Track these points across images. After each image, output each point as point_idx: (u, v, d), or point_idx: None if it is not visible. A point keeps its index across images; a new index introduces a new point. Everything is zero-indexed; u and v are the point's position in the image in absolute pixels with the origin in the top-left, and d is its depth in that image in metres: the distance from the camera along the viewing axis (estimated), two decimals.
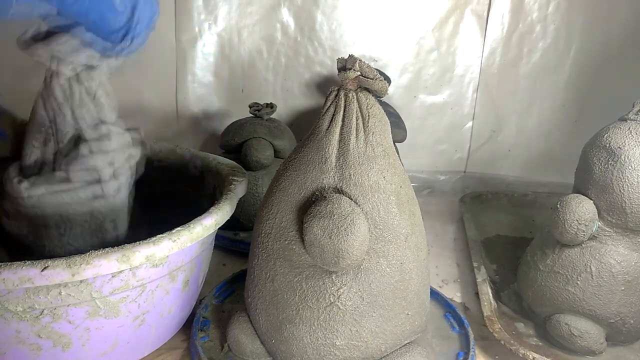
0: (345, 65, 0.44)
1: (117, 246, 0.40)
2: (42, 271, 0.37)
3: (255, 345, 0.48)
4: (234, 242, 0.73)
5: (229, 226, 0.58)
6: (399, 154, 0.54)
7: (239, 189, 0.53)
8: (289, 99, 0.95)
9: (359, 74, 0.44)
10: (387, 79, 0.80)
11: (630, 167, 0.49)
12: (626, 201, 0.49)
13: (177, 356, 0.52)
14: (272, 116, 0.80)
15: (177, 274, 0.47)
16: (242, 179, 0.56)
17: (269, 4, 0.89)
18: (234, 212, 0.51)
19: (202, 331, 0.52)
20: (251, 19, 0.89)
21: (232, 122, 0.79)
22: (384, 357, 0.46)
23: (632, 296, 0.52)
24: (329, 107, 0.45)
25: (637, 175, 0.49)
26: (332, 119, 0.45)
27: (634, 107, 0.53)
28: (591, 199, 0.52)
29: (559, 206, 0.52)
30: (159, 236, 0.42)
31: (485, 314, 0.56)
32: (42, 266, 0.37)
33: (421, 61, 0.95)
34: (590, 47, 0.94)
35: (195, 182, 0.64)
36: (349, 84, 0.45)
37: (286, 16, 0.90)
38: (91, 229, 0.51)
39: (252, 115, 0.79)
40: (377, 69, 0.48)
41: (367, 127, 0.44)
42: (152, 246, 0.41)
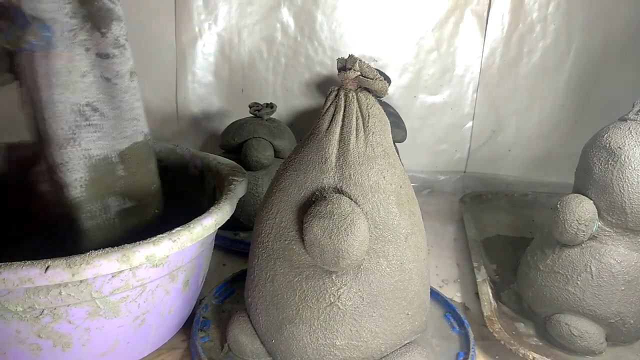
0: (345, 65, 0.44)
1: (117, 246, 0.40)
2: (45, 272, 0.37)
3: (255, 345, 0.48)
4: (234, 242, 0.73)
5: (229, 226, 0.58)
6: (399, 154, 0.54)
7: (239, 189, 0.53)
8: (289, 99, 0.95)
9: (359, 74, 0.44)
10: (387, 79, 0.80)
11: (630, 167, 0.49)
12: (626, 201, 0.49)
13: (177, 356, 0.52)
14: (272, 116, 0.80)
15: (177, 274, 0.47)
16: (242, 179, 0.56)
17: (269, 4, 0.89)
18: (234, 212, 0.51)
19: (202, 331, 0.52)
20: (251, 19, 0.89)
21: (232, 122, 0.79)
22: (384, 357, 0.46)
23: (632, 296, 0.52)
24: (329, 107, 0.45)
25: (637, 175, 0.49)
26: (332, 119, 0.45)
27: (634, 107, 0.53)
28: (591, 199, 0.52)
29: (559, 206, 0.52)
30: (159, 236, 0.42)
31: (485, 314, 0.56)
32: (43, 266, 0.37)
33: (421, 61, 0.95)
34: (590, 47, 0.94)
35: (195, 182, 0.64)
36: (349, 84, 0.45)
37: (286, 16, 0.90)
38: None
39: (252, 115, 0.79)
40: (377, 69, 0.48)
41: (367, 127, 0.44)
42: (152, 246, 0.41)
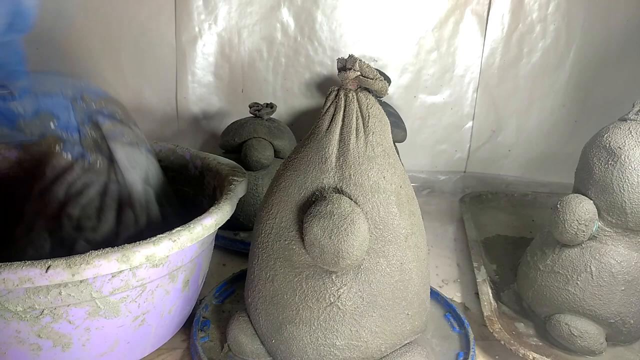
0: (345, 65, 0.44)
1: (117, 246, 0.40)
2: (46, 271, 0.37)
3: (255, 345, 0.48)
4: (234, 242, 0.73)
5: (229, 226, 0.58)
6: (399, 154, 0.54)
7: (239, 189, 0.53)
8: (289, 99, 0.95)
9: (359, 74, 0.44)
10: (387, 79, 0.80)
11: (630, 167, 0.49)
12: (626, 201, 0.49)
13: (177, 356, 0.52)
14: (272, 116, 0.80)
15: (177, 274, 0.47)
16: (242, 179, 0.56)
17: (269, 4, 0.89)
18: (234, 212, 0.51)
19: (202, 331, 0.52)
20: (251, 19, 0.89)
21: (232, 122, 0.79)
22: (384, 357, 0.46)
23: (632, 296, 0.52)
24: (329, 107, 0.45)
25: (637, 175, 0.49)
26: (332, 119, 0.45)
27: (634, 107, 0.53)
28: (591, 199, 0.52)
29: (559, 206, 0.52)
30: (159, 236, 0.42)
31: (485, 314, 0.56)
32: (44, 266, 0.37)
33: (421, 61, 0.95)
34: (590, 47, 0.94)
35: (195, 182, 0.64)
36: (349, 84, 0.45)
37: (286, 16, 0.90)
38: None
39: (252, 115, 0.79)
40: (377, 69, 0.48)
41: (367, 127, 0.44)
42: (152, 246, 0.41)
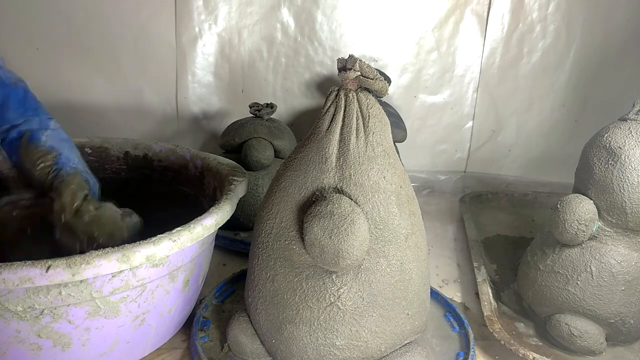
0: (345, 65, 0.44)
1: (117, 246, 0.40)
2: (46, 271, 0.37)
3: (255, 345, 0.48)
4: (234, 242, 0.73)
5: (229, 226, 0.58)
6: (399, 154, 0.54)
7: (239, 189, 0.53)
8: (289, 99, 0.95)
9: (359, 74, 0.44)
10: (387, 79, 0.80)
11: (630, 167, 0.49)
12: (626, 201, 0.49)
13: (177, 356, 0.52)
14: (272, 116, 0.80)
15: (177, 274, 0.47)
16: (242, 179, 0.56)
17: (269, 4, 0.89)
18: (234, 212, 0.51)
19: (202, 331, 0.52)
20: (251, 19, 0.89)
21: (232, 122, 0.79)
22: (384, 357, 0.46)
23: (632, 296, 0.52)
24: (329, 107, 0.45)
25: (637, 175, 0.49)
26: (332, 119, 0.45)
27: (634, 107, 0.53)
28: (591, 199, 0.52)
29: (559, 206, 0.52)
30: (159, 236, 0.42)
31: (485, 314, 0.56)
32: (44, 266, 0.37)
33: (421, 61, 0.95)
34: (590, 47, 0.94)
35: (195, 182, 0.64)
36: (349, 84, 0.45)
37: (286, 16, 0.90)
38: None
39: (252, 115, 0.79)
40: (377, 69, 0.48)
41: (367, 127, 0.44)
42: (152, 246, 0.41)
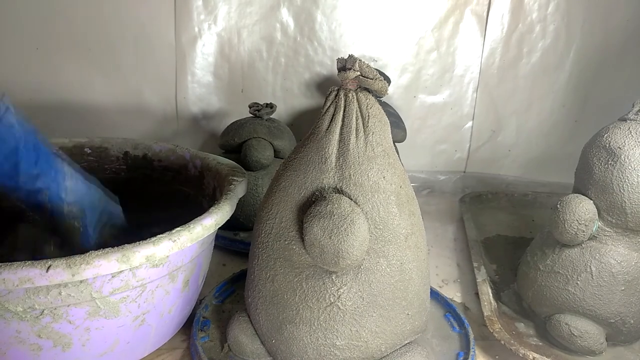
0: (345, 65, 0.44)
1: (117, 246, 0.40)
2: (46, 271, 0.37)
3: (255, 345, 0.48)
4: (234, 242, 0.73)
5: (229, 226, 0.58)
6: (399, 154, 0.54)
7: (239, 189, 0.53)
8: (289, 99, 0.95)
9: (359, 74, 0.44)
10: (387, 79, 0.80)
11: (630, 167, 0.49)
12: (626, 201, 0.49)
13: (177, 356, 0.52)
14: (272, 116, 0.80)
15: (177, 274, 0.47)
16: (242, 179, 0.56)
17: (268, 4, 0.89)
18: (234, 212, 0.51)
19: (202, 331, 0.52)
20: (251, 19, 0.89)
21: (232, 122, 0.79)
22: (384, 357, 0.46)
23: (632, 296, 0.52)
24: (329, 107, 0.45)
25: (637, 175, 0.49)
26: (332, 119, 0.45)
27: (634, 107, 0.53)
28: (591, 199, 0.52)
29: (559, 206, 0.52)
30: (159, 236, 0.42)
31: (485, 314, 0.56)
32: (44, 266, 0.37)
33: (421, 61, 0.95)
34: (590, 47, 0.94)
35: (195, 182, 0.64)
36: (349, 84, 0.45)
37: (286, 16, 0.90)
38: None
39: (252, 115, 0.79)
40: (377, 69, 0.48)
41: (367, 127, 0.44)
42: (152, 246, 0.41)
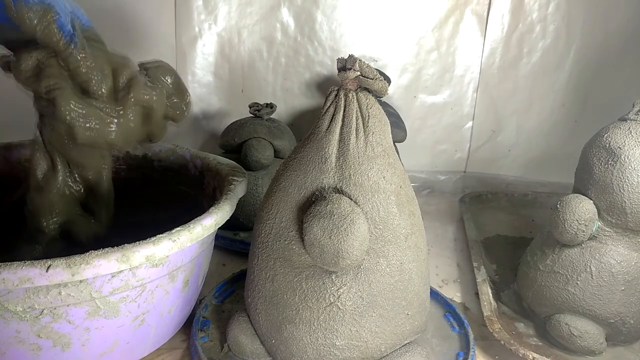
0: (345, 65, 0.44)
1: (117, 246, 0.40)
2: (46, 271, 0.37)
3: (255, 345, 0.48)
4: (234, 242, 0.73)
5: (229, 226, 0.58)
6: (399, 154, 0.54)
7: (239, 189, 0.53)
8: (289, 99, 0.95)
9: (359, 74, 0.44)
10: (387, 79, 0.80)
11: (630, 167, 0.49)
12: (626, 201, 0.49)
13: (177, 356, 0.52)
14: (272, 116, 0.80)
15: (177, 274, 0.47)
16: (242, 179, 0.56)
17: (269, 4, 0.89)
18: (233, 212, 0.51)
19: (202, 331, 0.52)
20: (251, 19, 0.89)
21: (232, 122, 0.79)
22: (384, 357, 0.46)
23: (632, 296, 0.52)
24: (329, 107, 0.45)
25: (637, 175, 0.49)
26: (332, 119, 0.45)
27: (634, 107, 0.52)
28: (591, 199, 0.52)
29: (559, 206, 0.52)
30: (159, 236, 0.42)
31: (485, 314, 0.56)
32: (44, 266, 0.37)
33: (421, 61, 0.95)
34: (590, 47, 0.94)
35: (195, 182, 0.64)
36: (349, 84, 0.45)
37: (286, 16, 0.90)
38: None
39: (252, 115, 0.79)
40: (377, 69, 0.48)
41: (367, 127, 0.44)
42: (152, 246, 0.41)
